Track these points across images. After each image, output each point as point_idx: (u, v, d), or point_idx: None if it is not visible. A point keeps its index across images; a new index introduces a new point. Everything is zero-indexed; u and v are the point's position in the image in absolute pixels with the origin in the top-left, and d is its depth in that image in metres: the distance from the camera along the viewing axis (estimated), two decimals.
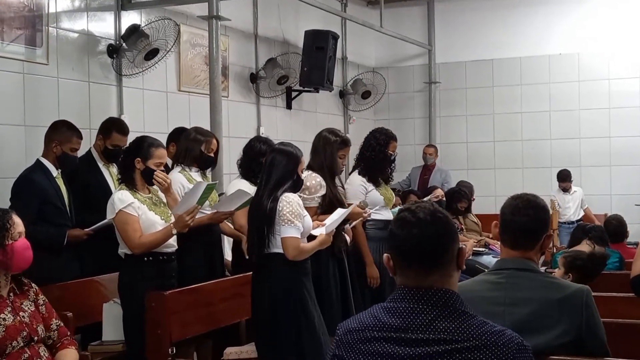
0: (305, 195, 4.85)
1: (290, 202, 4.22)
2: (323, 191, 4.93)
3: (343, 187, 5.35)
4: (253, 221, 4.31)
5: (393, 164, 5.75)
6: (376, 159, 5.58)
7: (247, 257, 4.77)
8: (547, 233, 2.83)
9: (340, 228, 4.84)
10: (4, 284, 3.24)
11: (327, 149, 5.08)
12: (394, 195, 5.95)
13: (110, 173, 5.29)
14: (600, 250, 5.02)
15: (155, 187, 4.50)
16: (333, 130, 5.27)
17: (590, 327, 2.68)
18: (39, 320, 3.29)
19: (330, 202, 4.96)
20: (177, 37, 6.35)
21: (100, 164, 5.33)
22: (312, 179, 4.93)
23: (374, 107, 10.47)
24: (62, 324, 3.45)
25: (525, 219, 2.79)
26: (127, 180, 4.34)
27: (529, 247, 2.80)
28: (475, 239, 7.98)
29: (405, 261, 2.09)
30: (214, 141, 5.04)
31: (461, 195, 8.17)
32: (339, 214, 4.53)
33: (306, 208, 4.76)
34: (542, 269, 4.81)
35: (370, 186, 5.52)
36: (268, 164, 4.41)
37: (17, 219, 3.28)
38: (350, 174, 5.79)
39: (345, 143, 5.18)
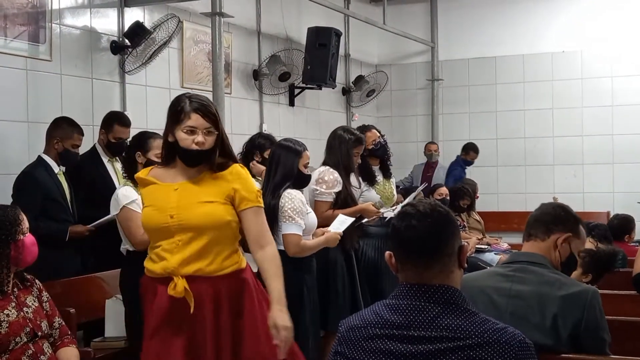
0: (322, 190, 4.89)
1: (292, 199, 4.24)
2: (339, 187, 4.96)
3: (359, 185, 5.33)
4: None
5: (378, 154, 5.66)
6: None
7: None
8: (564, 232, 2.84)
9: (354, 225, 4.83)
10: (6, 280, 3.25)
11: (343, 147, 5.10)
12: (394, 193, 5.88)
13: (114, 168, 5.30)
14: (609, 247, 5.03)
15: None
16: (348, 128, 5.32)
17: (589, 328, 2.66)
18: (42, 317, 3.30)
19: (344, 199, 4.99)
20: (175, 28, 6.32)
21: (105, 159, 5.34)
22: (330, 174, 4.97)
23: (376, 104, 10.45)
24: (63, 323, 3.46)
25: (538, 212, 2.90)
26: (132, 177, 4.35)
27: (539, 238, 2.83)
28: (478, 237, 7.99)
29: (404, 254, 2.10)
30: None
31: (463, 192, 8.18)
32: (342, 220, 4.56)
33: (321, 202, 4.81)
34: None
35: (365, 187, 5.45)
36: (271, 161, 4.42)
37: (23, 215, 3.31)
38: None
39: (359, 141, 5.19)
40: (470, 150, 9.58)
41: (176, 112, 3.05)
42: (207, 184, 3.07)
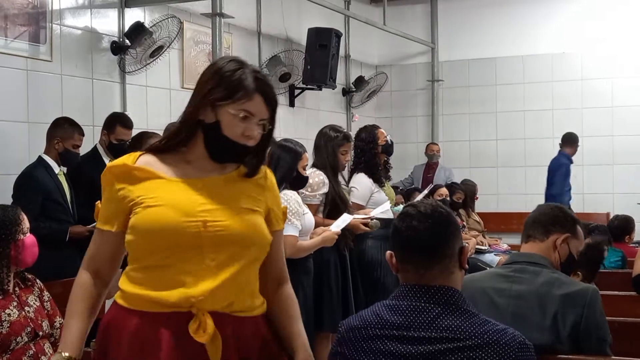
0: (307, 192, 4.86)
1: (287, 200, 4.23)
2: (325, 189, 4.93)
3: (347, 185, 5.33)
4: None
5: (390, 150, 5.73)
6: (371, 155, 5.54)
7: None
8: (562, 233, 2.84)
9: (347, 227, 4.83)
10: (7, 280, 3.25)
11: (329, 146, 5.08)
12: (394, 193, 5.95)
13: None
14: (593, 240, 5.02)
15: None
16: (334, 126, 5.26)
17: (589, 327, 2.66)
18: (43, 316, 3.30)
19: (333, 200, 4.96)
20: (178, 31, 6.33)
21: (106, 160, 5.34)
22: (316, 177, 4.95)
23: (376, 105, 10.44)
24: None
25: (536, 213, 2.90)
26: None
27: (538, 239, 2.83)
28: (477, 233, 8.01)
29: (405, 254, 2.11)
30: None
31: (454, 187, 8.27)
32: (344, 219, 4.55)
33: (307, 205, 4.78)
34: None
35: (376, 188, 5.48)
36: (270, 162, 4.41)
37: (23, 215, 3.31)
38: (350, 174, 5.74)
39: (346, 139, 5.17)
40: (574, 143, 9.02)
41: (232, 83, 2.09)
42: (242, 186, 2.16)
